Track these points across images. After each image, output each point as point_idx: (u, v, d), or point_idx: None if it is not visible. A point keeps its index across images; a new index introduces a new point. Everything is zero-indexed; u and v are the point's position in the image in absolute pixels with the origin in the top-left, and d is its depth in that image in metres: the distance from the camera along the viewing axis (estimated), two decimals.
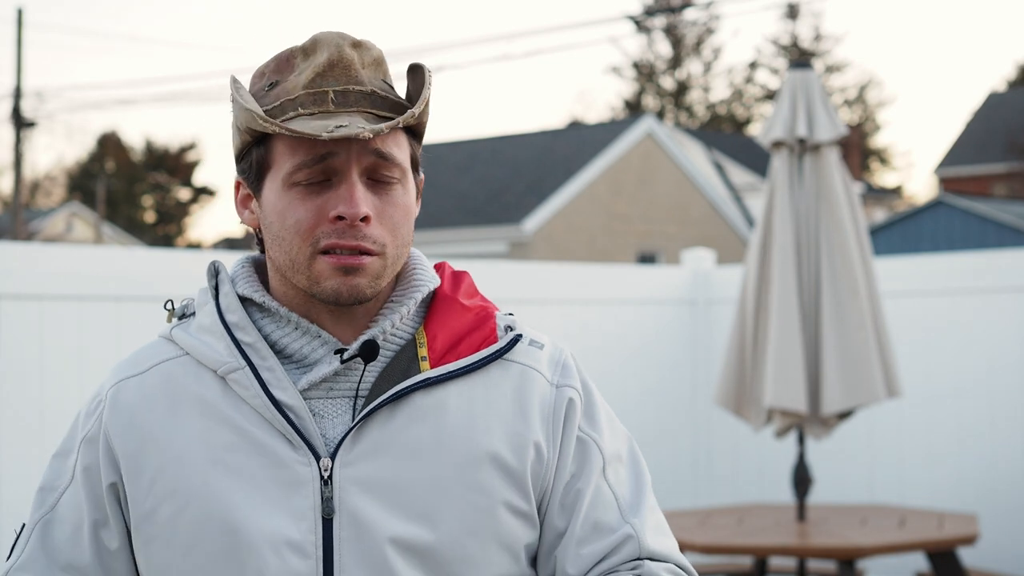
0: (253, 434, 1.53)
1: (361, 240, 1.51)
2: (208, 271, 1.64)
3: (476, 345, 1.59)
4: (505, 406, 1.58)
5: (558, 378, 1.63)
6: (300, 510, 1.50)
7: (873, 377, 5.17)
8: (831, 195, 5.35)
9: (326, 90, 1.52)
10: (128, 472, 1.55)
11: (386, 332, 1.57)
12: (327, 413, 1.55)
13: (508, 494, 1.55)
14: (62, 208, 42.42)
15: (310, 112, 1.52)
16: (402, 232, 1.56)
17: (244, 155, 1.58)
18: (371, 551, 1.50)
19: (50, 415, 4.36)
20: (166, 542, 1.53)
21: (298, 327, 1.57)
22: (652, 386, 6.74)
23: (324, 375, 1.54)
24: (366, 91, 1.54)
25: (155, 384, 1.58)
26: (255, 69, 1.61)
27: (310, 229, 1.51)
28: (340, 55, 1.53)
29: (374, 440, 1.53)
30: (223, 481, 1.51)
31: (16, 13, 24.95)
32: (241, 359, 1.54)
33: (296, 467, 1.51)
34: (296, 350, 1.57)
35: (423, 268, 1.65)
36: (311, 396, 1.55)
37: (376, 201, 1.53)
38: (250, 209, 1.61)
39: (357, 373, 1.56)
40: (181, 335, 1.60)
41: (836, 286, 5.27)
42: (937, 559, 4.98)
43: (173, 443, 1.54)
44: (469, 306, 1.62)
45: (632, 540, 1.58)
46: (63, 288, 4.45)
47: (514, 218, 22.40)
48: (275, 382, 1.53)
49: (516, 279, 6.37)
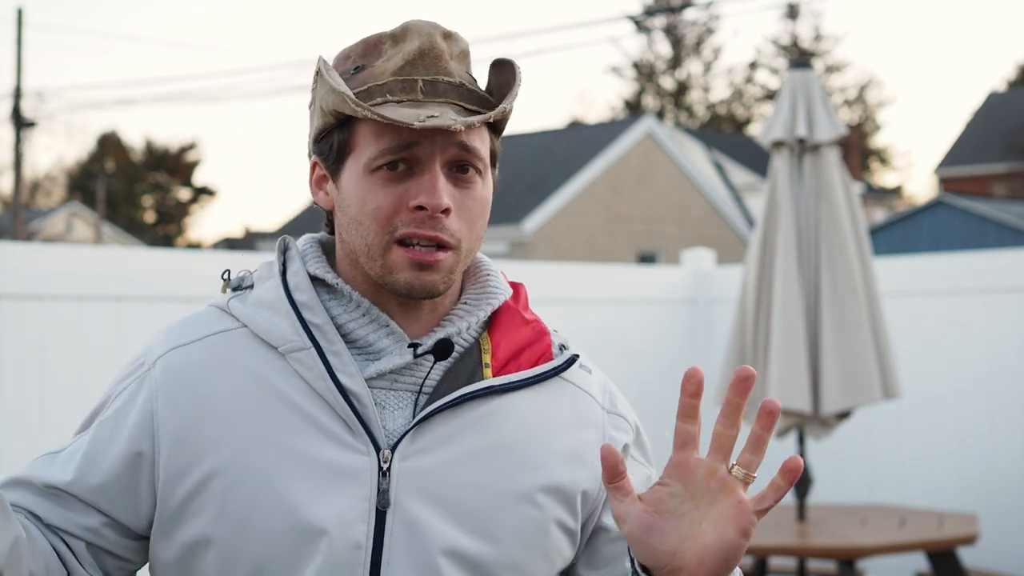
0: (312, 415, 1.50)
1: (440, 232, 1.49)
2: (278, 246, 1.61)
3: (534, 359, 1.59)
4: (562, 422, 1.58)
5: (608, 404, 1.64)
6: (355, 499, 1.48)
7: (870, 378, 5.17)
8: (831, 195, 5.35)
9: (415, 78, 1.51)
10: (171, 443, 1.51)
11: (461, 332, 1.57)
12: (389, 404, 1.53)
13: (560, 512, 1.55)
14: (62, 208, 42.44)
15: (398, 99, 1.50)
16: (478, 226, 1.55)
17: (324, 136, 1.56)
18: (421, 552, 1.48)
19: (50, 415, 4.36)
20: (215, 517, 1.48)
21: (367, 314, 1.55)
22: (652, 386, 6.74)
23: (393, 366, 1.52)
24: (455, 83, 1.53)
25: (210, 355, 1.54)
26: (339, 51, 1.58)
27: (389, 217, 1.49)
28: (432, 44, 1.52)
29: (435, 438, 1.51)
30: (278, 461, 1.48)
31: (16, 13, 24.97)
32: (307, 339, 1.51)
33: (354, 455, 1.49)
34: (361, 336, 1.55)
35: (497, 277, 1.65)
36: (374, 386, 1.52)
37: (456, 193, 1.51)
38: (325, 191, 1.58)
39: (422, 368, 1.54)
40: (239, 307, 1.56)
41: (834, 286, 5.27)
42: (937, 559, 4.98)
43: (227, 418, 1.50)
44: (529, 320, 1.63)
45: None
46: (63, 288, 4.45)
47: (514, 218, 22.40)
48: (341, 367, 1.50)
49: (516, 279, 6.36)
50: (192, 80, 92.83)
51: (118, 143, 50.38)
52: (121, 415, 1.55)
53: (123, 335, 4.53)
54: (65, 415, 4.37)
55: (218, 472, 1.49)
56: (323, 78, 1.52)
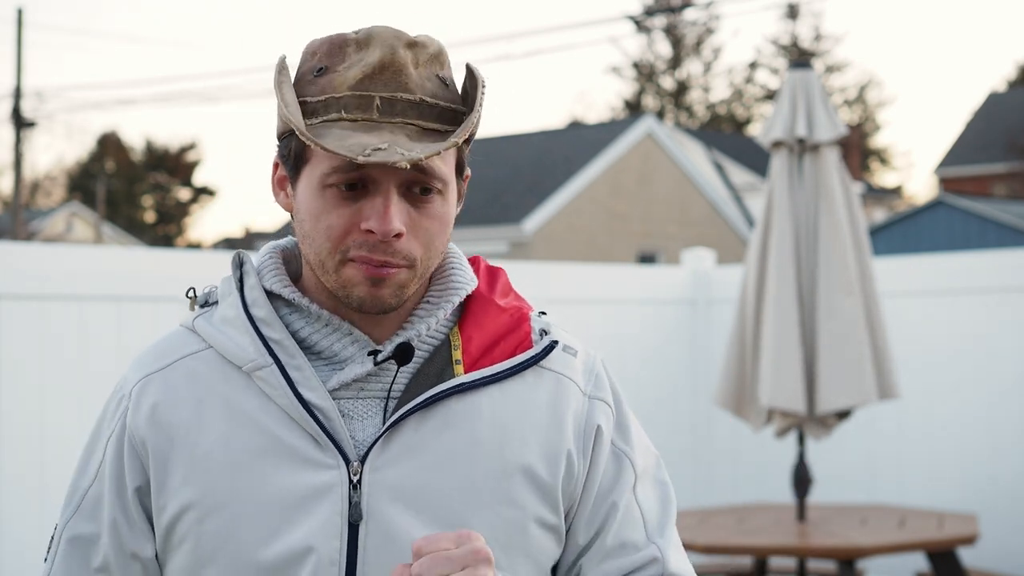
0: (279, 436, 1.48)
1: (391, 256, 1.46)
2: (232, 261, 1.59)
3: (511, 349, 1.55)
4: (539, 416, 1.54)
5: (591, 388, 1.59)
6: (326, 515, 1.46)
7: (866, 378, 5.17)
8: (831, 195, 5.35)
9: (373, 95, 1.46)
10: (156, 475, 1.51)
11: (421, 335, 1.53)
12: (357, 414, 1.50)
13: (539, 509, 1.52)
14: (62, 208, 42.42)
15: (352, 118, 1.46)
16: (436, 244, 1.51)
17: (284, 136, 1.54)
18: (398, 559, 1.45)
19: (50, 415, 4.36)
20: (191, 549, 1.49)
21: (328, 324, 1.53)
22: (652, 386, 6.74)
23: (356, 375, 1.50)
24: (414, 100, 1.47)
25: (180, 381, 1.53)
26: (308, 43, 1.54)
27: (340, 237, 1.47)
28: (393, 57, 1.47)
29: (405, 445, 1.48)
30: (248, 490, 1.47)
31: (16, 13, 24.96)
32: (268, 356, 1.49)
33: (324, 470, 1.47)
34: (326, 347, 1.53)
35: (461, 268, 1.60)
36: (340, 396, 1.51)
37: (413, 213, 1.48)
38: (285, 192, 1.56)
39: (389, 374, 1.52)
40: (204, 326, 1.55)
41: (831, 286, 5.26)
42: (937, 559, 4.99)
43: (198, 447, 1.49)
44: (504, 307, 1.58)
45: (657, 563, 1.56)
46: (63, 288, 4.45)
47: (514, 218, 22.40)
48: (303, 381, 1.49)
49: (516, 279, 6.34)
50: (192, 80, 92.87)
51: (118, 143, 50.37)
52: (115, 465, 1.54)
53: (123, 335, 4.53)
54: (65, 415, 4.37)
55: (192, 505, 1.49)
56: (280, 90, 1.49)
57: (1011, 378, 6.01)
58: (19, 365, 4.33)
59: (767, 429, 5.80)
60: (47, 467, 4.30)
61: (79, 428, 4.36)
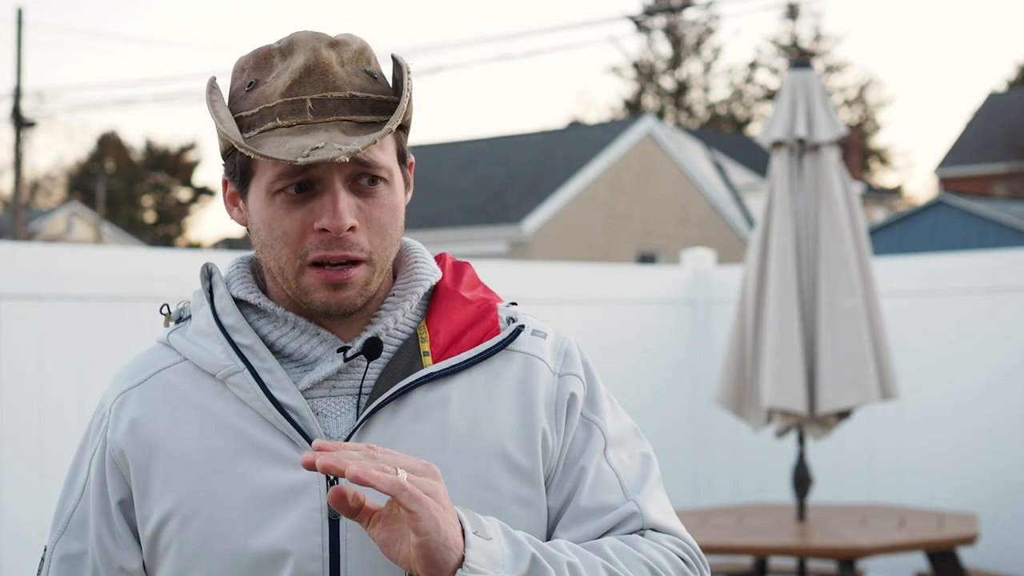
0: (255, 437, 1.52)
1: (348, 250, 1.50)
2: (201, 273, 1.63)
3: (479, 338, 1.58)
4: (509, 398, 1.56)
5: (560, 366, 1.61)
6: (306, 512, 1.49)
7: (867, 378, 5.17)
8: (830, 195, 5.35)
9: (303, 98, 1.50)
10: (137, 486, 1.54)
11: (388, 329, 1.56)
12: (330, 412, 1.53)
13: (517, 487, 1.54)
14: (62, 208, 42.41)
15: (288, 124, 1.50)
16: (390, 232, 1.55)
17: (228, 156, 1.58)
18: (380, 554, 1.47)
19: (50, 415, 4.36)
20: (176, 555, 1.52)
21: (296, 326, 1.56)
22: (652, 386, 6.74)
23: (327, 374, 1.53)
24: (344, 97, 1.51)
25: (155, 394, 1.57)
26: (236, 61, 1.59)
27: (297, 240, 1.51)
28: (316, 59, 1.51)
29: (378, 438, 1.51)
30: (227, 490, 1.50)
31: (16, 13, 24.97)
32: (239, 362, 1.53)
33: (300, 469, 1.49)
34: (296, 349, 1.56)
35: (424, 262, 1.63)
36: (313, 395, 1.54)
37: (362, 205, 1.52)
38: (238, 207, 1.61)
39: (360, 371, 1.55)
40: (179, 340, 1.59)
41: (832, 286, 5.27)
42: (937, 559, 4.98)
43: (175, 455, 1.53)
44: (471, 299, 1.61)
45: (636, 517, 1.56)
46: (63, 288, 4.45)
47: (514, 218, 22.40)
48: (275, 383, 1.52)
49: (516, 279, 6.37)
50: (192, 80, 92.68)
51: (118, 143, 50.37)
52: (98, 481, 1.58)
53: (123, 335, 4.53)
54: (64, 415, 4.37)
55: (173, 513, 1.52)
56: (213, 109, 1.53)
57: (1011, 378, 6.01)
58: (19, 365, 4.33)
59: (767, 429, 5.80)
60: (47, 467, 4.30)
61: (78, 428, 4.36)
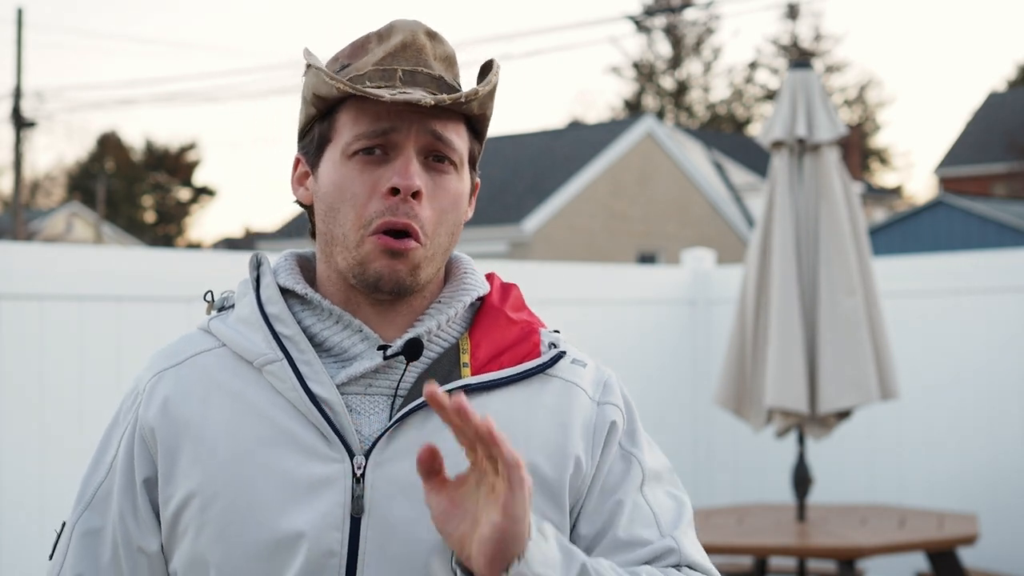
0: (286, 427, 1.51)
1: (412, 218, 1.51)
2: (250, 262, 1.63)
3: (519, 358, 1.57)
4: (545, 418, 1.56)
5: (600, 395, 1.61)
6: (329, 506, 1.48)
7: (867, 378, 5.17)
8: (831, 195, 5.35)
9: (395, 68, 1.54)
10: (164, 465, 1.54)
11: (431, 332, 1.56)
12: (364, 410, 1.53)
13: (544, 506, 1.52)
14: (62, 208, 42.41)
15: (377, 85, 1.52)
16: (449, 219, 1.55)
17: (307, 131, 1.59)
18: (404, 556, 1.47)
19: (50, 415, 4.35)
20: (196, 534, 1.51)
21: (339, 321, 1.56)
22: (652, 386, 6.74)
23: (364, 370, 1.53)
24: (435, 75, 1.55)
25: (190, 376, 1.57)
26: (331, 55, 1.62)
27: (364, 204, 1.52)
28: (413, 39, 1.55)
29: (410, 441, 1.50)
30: (252, 475, 1.50)
31: (16, 13, 24.96)
32: (279, 351, 1.53)
33: (328, 463, 1.49)
34: (336, 343, 1.55)
35: (474, 274, 1.64)
36: (349, 392, 1.53)
37: (429, 180, 1.53)
38: (305, 186, 1.61)
39: (397, 371, 1.54)
40: (219, 326, 1.59)
41: (832, 286, 5.26)
42: (937, 559, 4.98)
43: (205, 436, 1.52)
44: (515, 319, 1.61)
45: (674, 552, 1.56)
46: (63, 288, 4.44)
47: (514, 218, 22.40)
48: (312, 376, 1.51)
49: (516, 279, 6.33)
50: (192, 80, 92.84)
51: (118, 143, 50.38)
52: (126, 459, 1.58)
53: (123, 335, 4.53)
54: (65, 415, 4.37)
55: (195, 494, 1.51)
56: (310, 58, 1.56)
57: (1011, 378, 6.01)
58: (19, 365, 4.33)
59: (767, 429, 5.80)
60: (47, 467, 4.30)
61: (79, 428, 4.36)
